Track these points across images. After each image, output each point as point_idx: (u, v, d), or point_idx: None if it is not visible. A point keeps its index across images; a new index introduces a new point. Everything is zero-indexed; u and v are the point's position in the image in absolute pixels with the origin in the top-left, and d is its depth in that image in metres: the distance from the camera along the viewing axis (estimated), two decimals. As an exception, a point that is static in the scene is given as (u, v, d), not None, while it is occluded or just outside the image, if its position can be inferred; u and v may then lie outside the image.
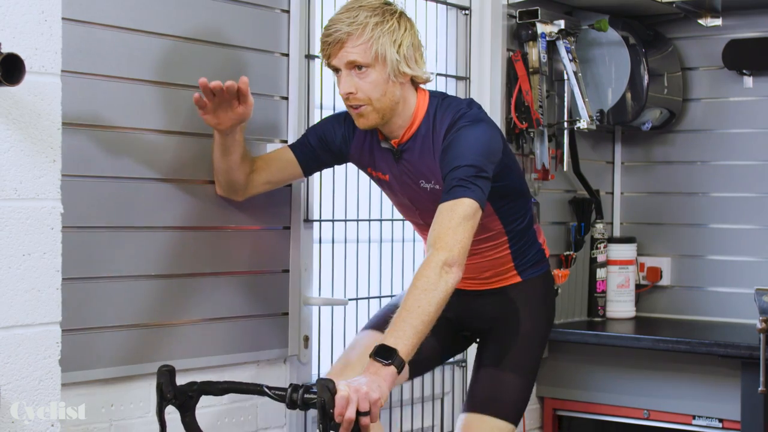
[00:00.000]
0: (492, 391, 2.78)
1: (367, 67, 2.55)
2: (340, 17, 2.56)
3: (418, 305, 2.32)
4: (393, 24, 2.56)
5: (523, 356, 2.80)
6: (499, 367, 2.79)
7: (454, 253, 2.39)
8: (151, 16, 2.65)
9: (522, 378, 2.78)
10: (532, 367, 2.83)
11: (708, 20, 4.21)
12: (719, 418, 3.72)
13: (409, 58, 2.58)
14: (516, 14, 3.86)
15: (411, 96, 2.64)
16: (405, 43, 2.57)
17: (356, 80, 2.56)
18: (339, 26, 2.55)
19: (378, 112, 2.60)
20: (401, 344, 2.27)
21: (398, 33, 2.56)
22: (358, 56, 2.54)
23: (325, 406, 2.09)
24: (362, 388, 2.16)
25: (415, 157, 2.66)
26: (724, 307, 4.20)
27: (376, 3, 2.58)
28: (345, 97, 2.60)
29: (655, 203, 4.42)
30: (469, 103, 2.68)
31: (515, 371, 2.78)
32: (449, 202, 2.46)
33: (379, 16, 2.55)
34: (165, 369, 2.26)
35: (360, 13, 2.55)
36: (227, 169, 2.73)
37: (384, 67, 2.55)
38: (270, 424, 3.01)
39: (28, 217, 1.96)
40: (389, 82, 2.57)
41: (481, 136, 2.56)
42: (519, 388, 2.78)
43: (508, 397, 2.77)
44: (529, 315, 2.83)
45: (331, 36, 2.56)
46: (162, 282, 2.71)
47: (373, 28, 2.53)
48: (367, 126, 2.63)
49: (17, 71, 1.84)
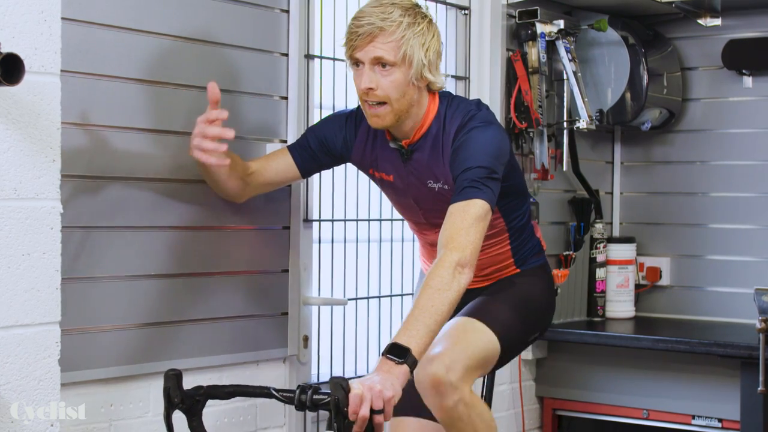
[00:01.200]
0: (480, 307, 2.69)
1: (392, 65, 2.53)
2: (374, 10, 2.53)
3: (431, 304, 2.33)
4: (424, 27, 2.55)
5: (518, 300, 2.73)
6: (489, 296, 2.73)
7: (467, 253, 2.40)
8: (151, 16, 2.65)
9: (514, 308, 2.70)
10: (524, 317, 2.73)
11: (707, 20, 4.21)
12: (719, 418, 3.72)
13: (432, 64, 2.58)
14: (515, 14, 3.86)
15: (424, 99, 2.64)
16: (432, 49, 2.57)
17: (378, 77, 2.55)
18: (372, 19, 2.52)
19: (395, 113, 2.59)
20: (414, 343, 2.27)
21: (427, 37, 2.56)
22: (387, 53, 2.52)
23: (339, 405, 2.09)
24: (376, 387, 2.16)
25: (425, 157, 2.66)
26: (724, 307, 4.20)
27: (407, 3, 2.57)
28: (363, 92, 2.58)
29: (655, 203, 4.42)
30: (477, 104, 2.68)
31: (508, 303, 2.70)
32: (461, 203, 2.47)
33: (412, 17, 2.54)
34: (172, 373, 2.23)
35: (394, 10, 2.53)
36: (214, 183, 2.71)
37: (409, 69, 2.54)
38: (269, 424, 3.01)
39: (27, 217, 1.96)
40: (410, 84, 2.56)
41: (492, 139, 2.57)
42: (509, 312, 2.69)
43: (497, 313, 2.67)
44: (524, 285, 2.80)
45: (362, 27, 2.52)
46: (162, 282, 2.71)
47: (406, 27, 2.52)
48: (379, 126, 2.63)
49: (17, 71, 1.84)
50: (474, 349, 2.57)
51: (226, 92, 2.86)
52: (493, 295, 2.75)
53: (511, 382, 3.92)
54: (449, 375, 2.47)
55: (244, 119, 2.90)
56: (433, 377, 2.47)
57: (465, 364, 2.51)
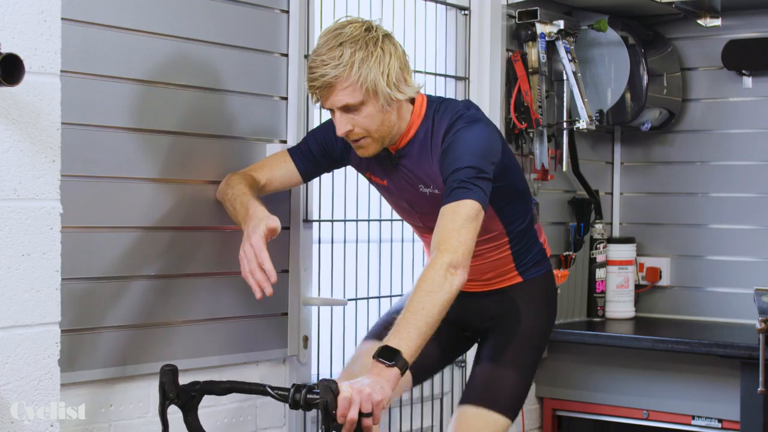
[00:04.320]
0: (489, 384, 2.75)
1: (360, 104, 2.51)
2: (324, 59, 2.48)
3: (422, 307, 2.32)
4: (378, 53, 2.49)
5: (523, 353, 2.79)
6: (497, 361, 2.77)
7: (459, 254, 2.39)
8: (151, 16, 2.65)
9: (520, 373, 2.77)
10: (531, 365, 2.81)
11: (707, 20, 4.21)
12: (718, 419, 3.72)
13: (399, 83, 2.53)
14: (515, 14, 3.86)
15: (406, 111, 2.62)
16: (392, 71, 2.51)
17: (351, 117, 2.53)
18: (325, 70, 2.47)
19: (377, 141, 2.59)
20: (405, 345, 2.27)
21: (384, 62, 2.49)
22: (350, 98, 2.49)
23: (328, 407, 2.10)
24: (365, 390, 2.16)
25: (413, 162, 2.65)
26: (724, 308, 4.20)
27: (356, 33, 2.49)
28: (343, 135, 2.57)
29: (655, 203, 4.42)
30: (466, 105, 2.67)
31: (513, 366, 2.76)
32: (451, 204, 2.45)
33: (363, 50, 2.47)
34: (168, 368, 2.25)
35: (344, 51, 2.47)
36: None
37: (377, 100, 2.51)
38: (269, 424, 3.01)
39: (27, 218, 1.96)
40: (383, 111, 2.54)
41: (479, 137, 2.55)
42: (516, 383, 2.76)
43: (505, 391, 2.74)
44: (530, 313, 2.82)
45: (317, 81, 2.49)
46: (162, 282, 2.71)
47: (359, 65, 2.46)
48: (369, 155, 2.62)
49: (17, 71, 1.84)
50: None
51: (226, 92, 2.86)
52: (499, 359, 2.77)
53: (511, 382, 3.92)
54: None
55: (244, 119, 2.90)
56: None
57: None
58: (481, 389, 2.76)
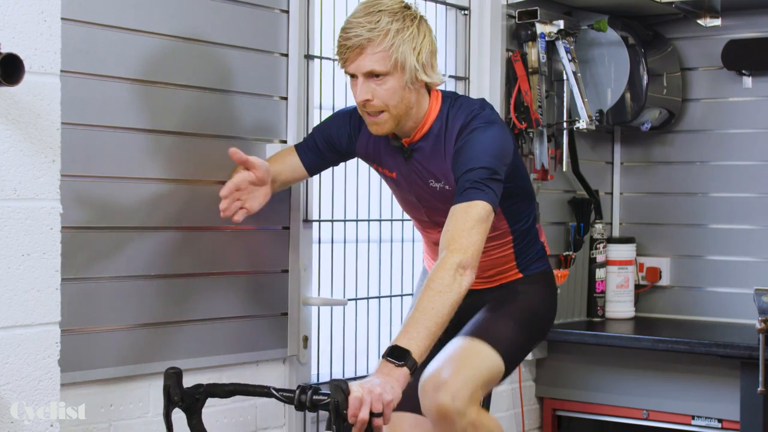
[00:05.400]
0: (484, 325, 2.68)
1: (385, 75, 2.51)
2: (360, 21, 2.50)
3: (432, 306, 2.32)
4: (413, 30, 2.52)
5: (522, 313, 2.73)
6: (494, 311, 2.71)
7: (468, 255, 2.39)
8: (151, 16, 2.65)
9: (519, 325, 2.69)
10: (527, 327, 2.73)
11: (707, 20, 4.21)
12: (718, 419, 3.72)
13: (426, 65, 2.55)
14: (515, 14, 3.86)
15: (424, 99, 2.63)
16: (424, 51, 2.53)
17: (373, 87, 2.53)
18: (359, 31, 2.49)
19: (394, 119, 2.58)
20: (414, 345, 2.27)
21: (418, 40, 2.52)
22: (377, 64, 2.50)
23: (339, 407, 2.09)
24: (375, 389, 2.15)
25: (426, 156, 2.66)
26: (724, 308, 4.20)
27: (395, 6, 2.52)
28: (361, 104, 2.57)
29: (655, 203, 4.42)
30: (481, 104, 2.67)
31: (513, 317, 2.70)
32: (463, 204, 2.45)
33: (400, 22, 2.50)
34: (172, 371, 2.23)
35: (381, 18, 2.49)
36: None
37: (402, 75, 2.52)
38: (269, 424, 3.01)
39: (27, 218, 1.96)
40: (405, 89, 2.54)
41: (495, 139, 2.56)
42: (513, 330, 2.68)
43: (501, 331, 2.66)
44: (528, 293, 2.80)
45: (350, 40, 2.50)
46: (162, 282, 2.71)
47: (394, 35, 2.48)
48: (381, 133, 2.62)
49: (17, 71, 1.84)
50: (479, 372, 2.57)
51: (226, 92, 2.86)
52: (496, 311, 2.73)
53: (511, 382, 3.92)
54: (456, 403, 2.47)
55: (243, 119, 2.90)
56: (440, 407, 2.48)
57: (470, 389, 2.51)
58: (474, 328, 2.67)
